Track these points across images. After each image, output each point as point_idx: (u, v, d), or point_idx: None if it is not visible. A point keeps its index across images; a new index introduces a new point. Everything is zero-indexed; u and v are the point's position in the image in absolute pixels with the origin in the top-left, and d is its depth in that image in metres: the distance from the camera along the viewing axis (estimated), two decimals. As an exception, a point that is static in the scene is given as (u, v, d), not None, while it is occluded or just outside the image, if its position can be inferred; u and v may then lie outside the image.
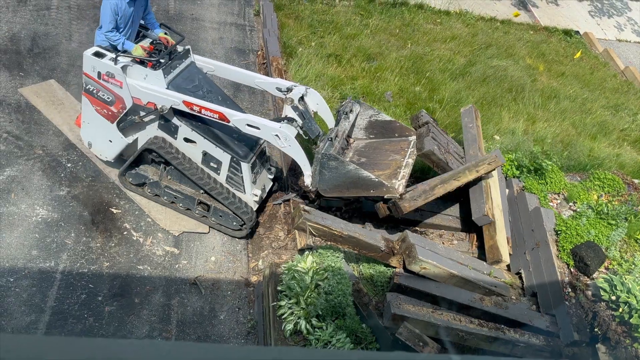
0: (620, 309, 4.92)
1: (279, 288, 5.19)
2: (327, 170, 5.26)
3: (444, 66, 9.95)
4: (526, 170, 6.91)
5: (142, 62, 5.62)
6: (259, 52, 9.50)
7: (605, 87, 11.05)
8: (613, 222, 6.06)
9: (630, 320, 4.80)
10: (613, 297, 5.02)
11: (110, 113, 5.91)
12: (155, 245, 6.03)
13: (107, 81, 5.68)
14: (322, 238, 5.30)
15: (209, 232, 6.34)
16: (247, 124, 5.41)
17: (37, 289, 5.26)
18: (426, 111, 6.47)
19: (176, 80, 5.74)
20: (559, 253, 5.68)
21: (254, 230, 6.47)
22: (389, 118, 6.13)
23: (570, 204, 6.61)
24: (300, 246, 6.11)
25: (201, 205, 6.22)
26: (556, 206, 6.55)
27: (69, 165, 6.51)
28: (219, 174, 6.03)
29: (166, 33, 6.12)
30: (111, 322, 5.24)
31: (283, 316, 4.99)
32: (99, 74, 5.69)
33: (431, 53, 10.33)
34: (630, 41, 13.93)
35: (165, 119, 5.86)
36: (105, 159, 6.45)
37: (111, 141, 6.17)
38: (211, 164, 6.00)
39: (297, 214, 5.14)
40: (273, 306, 5.11)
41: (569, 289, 5.40)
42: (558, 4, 14.61)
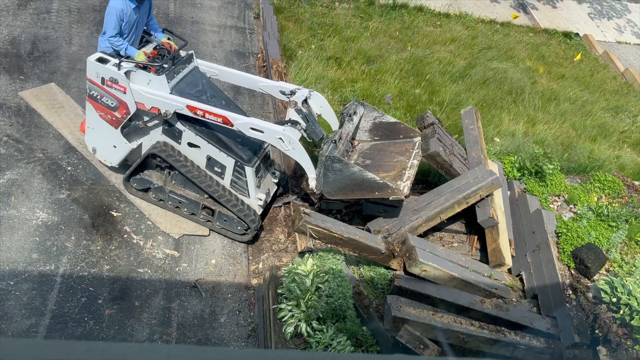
0: (621, 311, 4.91)
1: (280, 291, 5.19)
2: (332, 172, 5.22)
3: (444, 68, 9.96)
4: (527, 172, 6.90)
5: (146, 68, 5.62)
6: (259, 55, 9.52)
7: (605, 89, 11.05)
8: (613, 224, 6.05)
9: (631, 322, 4.79)
10: (614, 299, 5.01)
11: (114, 119, 5.92)
12: (155, 248, 6.03)
13: (111, 87, 5.68)
14: (323, 241, 5.29)
15: (209, 235, 6.34)
16: (251, 128, 5.41)
17: (37, 292, 5.26)
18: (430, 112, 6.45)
19: (180, 85, 5.74)
20: (560, 255, 5.67)
21: (258, 234, 6.47)
22: (394, 120, 6.08)
23: (570, 206, 6.60)
24: (300, 249, 6.11)
25: (206, 209, 6.22)
26: (556, 208, 6.55)
27: (69, 168, 6.51)
28: (223, 179, 6.03)
29: (169, 38, 6.12)
30: (111, 326, 5.23)
31: (283, 319, 4.98)
32: (103, 80, 5.69)
33: (431, 55, 10.34)
34: (630, 43, 13.94)
35: (169, 124, 5.86)
36: (109, 165, 6.46)
37: (115, 147, 6.18)
38: (215, 169, 6.00)
39: (297, 217, 5.14)
40: (273, 309, 5.10)
41: (570, 291, 5.39)
42: (557, 6, 14.63)
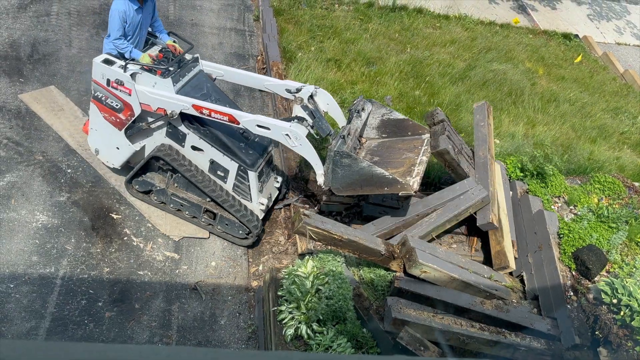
0: (621, 313, 4.91)
1: (280, 293, 5.18)
2: (340, 168, 5.17)
3: (444, 70, 9.97)
4: (529, 173, 6.90)
5: (151, 70, 5.61)
6: (259, 57, 9.53)
7: (604, 91, 11.06)
8: (614, 225, 6.05)
9: (631, 323, 4.79)
10: (614, 301, 5.01)
11: (118, 120, 5.92)
12: (155, 250, 6.03)
13: (116, 88, 5.68)
14: (323, 242, 5.29)
15: (209, 238, 6.34)
16: (257, 125, 5.37)
17: (37, 295, 5.26)
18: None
19: (185, 88, 5.73)
20: (561, 256, 5.67)
21: (260, 238, 6.47)
22: (402, 116, 6.01)
23: (570, 207, 6.60)
24: (300, 251, 6.11)
25: (207, 213, 6.22)
26: (557, 209, 6.54)
27: (69, 171, 6.51)
28: (226, 182, 6.03)
29: (174, 41, 6.11)
30: (111, 328, 5.23)
31: (284, 321, 4.97)
32: (108, 81, 5.69)
33: (431, 57, 10.35)
34: (629, 44, 13.95)
35: (173, 127, 5.86)
36: (112, 166, 6.45)
37: (118, 148, 6.18)
38: (218, 172, 5.99)
39: (297, 218, 5.14)
40: (273, 311, 5.10)
41: (571, 292, 5.39)
42: (557, 8, 14.64)
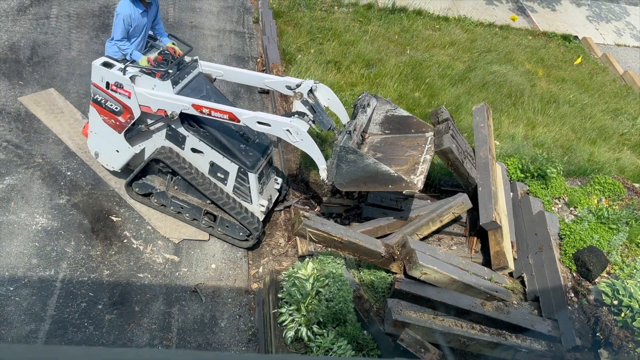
0: (622, 314, 4.90)
1: (280, 295, 5.17)
2: (345, 163, 5.14)
3: (443, 72, 9.97)
4: (530, 175, 6.90)
5: (151, 73, 5.62)
6: (259, 59, 9.53)
7: (604, 92, 11.06)
8: (614, 227, 6.04)
9: (633, 324, 4.78)
10: (615, 302, 5.00)
11: (118, 123, 5.92)
12: (155, 253, 6.02)
13: (116, 91, 5.68)
14: (322, 244, 5.27)
15: (209, 240, 6.33)
16: (258, 122, 5.37)
17: (37, 298, 5.25)
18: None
19: (184, 90, 5.74)
20: (562, 257, 5.66)
21: (260, 240, 6.46)
22: (406, 113, 5.98)
23: (571, 209, 6.59)
24: (300, 253, 6.10)
25: (208, 215, 6.21)
26: (557, 211, 6.54)
27: (69, 173, 6.51)
28: (226, 185, 6.03)
29: (174, 43, 6.11)
30: (111, 331, 5.22)
31: (284, 323, 4.96)
32: (108, 84, 5.69)
33: (430, 59, 10.35)
34: (629, 46, 13.96)
35: (172, 130, 5.86)
36: (112, 169, 6.45)
37: (118, 151, 6.17)
38: (218, 175, 5.99)
39: (297, 220, 5.13)
40: (274, 313, 5.09)
41: (572, 294, 5.38)
42: (556, 9, 14.65)
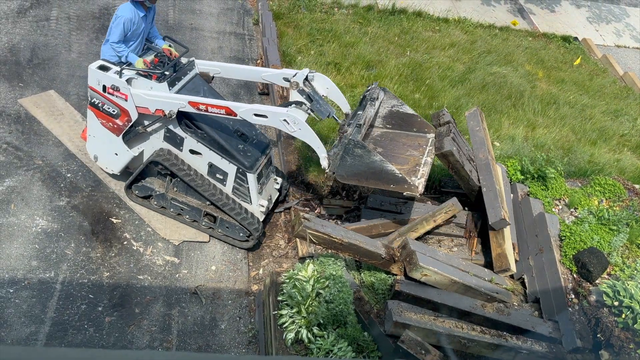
0: (623, 315, 4.89)
1: (280, 297, 5.16)
2: (351, 156, 5.10)
3: (443, 73, 9.96)
4: (530, 176, 6.89)
5: (147, 75, 5.63)
6: (258, 61, 9.53)
7: (604, 93, 11.05)
8: (614, 228, 6.03)
9: (634, 326, 4.77)
10: (616, 303, 4.99)
11: (115, 126, 5.92)
12: (155, 254, 6.01)
13: (112, 94, 5.68)
14: (323, 246, 5.27)
15: (209, 241, 6.33)
16: (254, 114, 5.34)
17: (37, 300, 5.24)
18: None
19: (181, 92, 5.74)
20: (562, 259, 5.65)
21: (260, 241, 6.46)
22: (412, 111, 5.96)
23: (571, 210, 6.59)
24: (301, 254, 6.09)
25: (208, 216, 6.21)
26: (558, 212, 6.53)
27: (69, 175, 6.50)
28: (225, 185, 6.02)
29: (170, 45, 6.12)
30: (111, 333, 5.21)
31: (284, 325, 4.96)
32: (104, 87, 5.70)
33: (430, 60, 10.35)
34: (629, 47, 13.96)
35: (170, 131, 5.86)
36: (111, 172, 6.45)
37: (117, 154, 6.18)
38: (217, 175, 5.99)
39: (297, 222, 5.12)
40: (274, 315, 5.08)
41: (572, 295, 5.37)
42: (556, 11, 14.66)
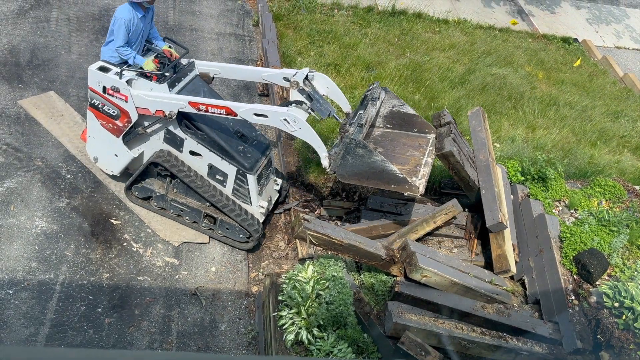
0: (623, 316, 4.89)
1: (280, 298, 5.16)
2: (352, 156, 5.08)
3: (443, 74, 9.97)
4: (530, 177, 6.89)
5: (147, 76, 5.62)
6: (258, 62, 9.54)
7: (604, 94, 11.06)
8: (615, 229, 6.03)
9: (635, 325, 4.76)
10: (616, 304, 4.99)
11: (115, 127, 5.92)
12: (155, 256, 6.01)
13: (112, 95, 5.68)
14: (323, 247, 5.27)
15: (209, 243, 6.32)
16: (255, 114, 5.32)
17: (37, 301, 5.23)
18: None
19: (181, 93, 5.73)
20: (562, 260, 5.64)
21: (260, 242, 6.45)
22: (413, 112, 5.94)
23: (571, 211, 6.58)
24: (301, 255, 6.09)
25: (208, 218, 6.20)
26: (558, 213, 6.53)
27: (69, 176, 6.50)
28: (225, 187, 6.02)
29: (170, 46, 6.12)
30: (111, 334, 5.20)
31: (284, 326, 4.95)
32: (104, 89, 5.69)
33: (430, 61, 10.35)
34: (628, 48, 13.97)
35: (170, 132, 5.86)
36: (111, 173, 6.45)
37: (117, 155, 6.17)
38: (217, 177, 5.99)
39: (297, 223, 5.12)
40: (274, 316, 5.07)
41: (572, 296, 5.36)
42: (556, 12, 14.67)
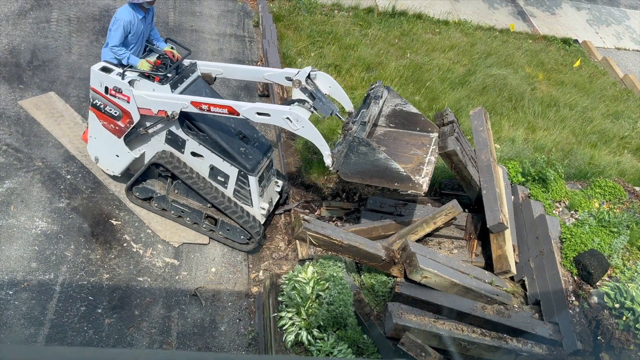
0: (624, 317, 4.88)
1: (280, 299, 5.16)
2: (355, 154, 5.04)
3: (444, 75, 9.97)
4: (531, 178, 6.90)
5: (149, 77, 5.62)
6: (259, 63, 9.54)
7: (604, 95, 11.05)
8: (615, 230, 6.03)
9: (636, 325, 4.76)
10: (617, 305, 4.98)
11: (117, 128, 5.91)
12: (155, 256, 6.01)
13: (115, 96, 5.68)
14: (323, 248, 5.27)
15: (209, 243, 6.32)
16: (257, 113, 5.30)
17: (37, 302, 5.23)
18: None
19: (184, 94, 5.73)
20: (563, 261, 5.64)
21: (260, 244, 6.45)
22: (415, 110, 5.92)
23: (571, 212, 6.58)
24: (301, 256, 6.09)
25: (208, 219, 6.20)
26: (558, 214, 6.53)
27: (69, 177, 6.50)
28: (227, 188, 6.02)
29: (172, 47, 6.12)
30: (111, 335, 5.20)
31: (284, 327, 4.95)
32: (106, 89, 5.69)
33: (430, 62, 10.36)
34: (629, 49, 13.97)
35: (172, 133, 5.86)
36: (112, 174, 6.44)
37: (118, 156, 6.17)
38: (218, 178, 5.98)
39: (297, 224, 5.12)
40: (274, 317, 5.07)
41: (573, 297, 5.36)
42: (556, 13, 14.67)
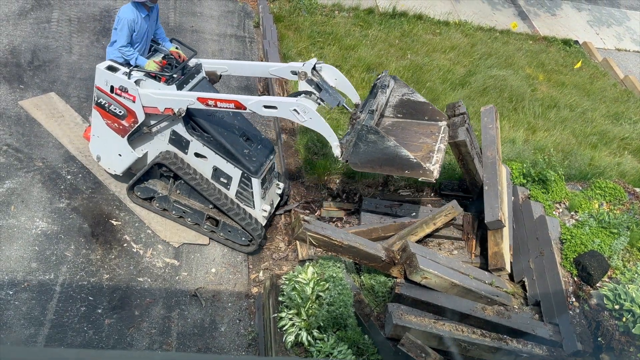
0: (624, 318, 4.88)
1: (280, 299, 5.16)
2: (364, 143, 4.98)
3: (444, 76, 9.97)
4: (531, 179, 6.90)
5: (156, 77, 5.62)
6: (259, 64, 9.54)
7: (605, 96, 11.06)
8: (615, 231, 6.03)
9: (636, 326, 4.76)
10: (617, 307, 4.98)
11: (121, 127, 5.91)
12: (155, 257, 6.01)
13: (120, 95, 5.67)
14: (323, 248, 5.27)
15: (209, 244, 6.32)
16: (264, 106, 5.30)
17: (37, 302, 5.23)
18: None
19: None
20: (563, 262, 5.64)
21: (261, 245, 6.45)
22: (423, 99, 5.87)
23: (572, 213, 6.58)
24: (301, 257, 6.09)
25: (210, 220, 6.20)
26: (558, 215, 6.53)
27: (69, 177, 6.50)
28: (229, 189, 6.02)
29: (177, 47, 6.11)
30: (111, 335, 5.20)
31: (284, 328, 4.95)
32: (112, 88, 5.68)
33: (431, 63, 10.36)
34: (629, 50, 13.97)
35: (176, 134, 5.86)
36: (114, 173, 6.44)
37: (120, 155, 6.17)
38: (221, 179, 5.99)
39: (297, 224, 5.12)
40: (274, 318, 5.07)
41: (573, 298, 5.36)
42: (556, 14, 14.67)
